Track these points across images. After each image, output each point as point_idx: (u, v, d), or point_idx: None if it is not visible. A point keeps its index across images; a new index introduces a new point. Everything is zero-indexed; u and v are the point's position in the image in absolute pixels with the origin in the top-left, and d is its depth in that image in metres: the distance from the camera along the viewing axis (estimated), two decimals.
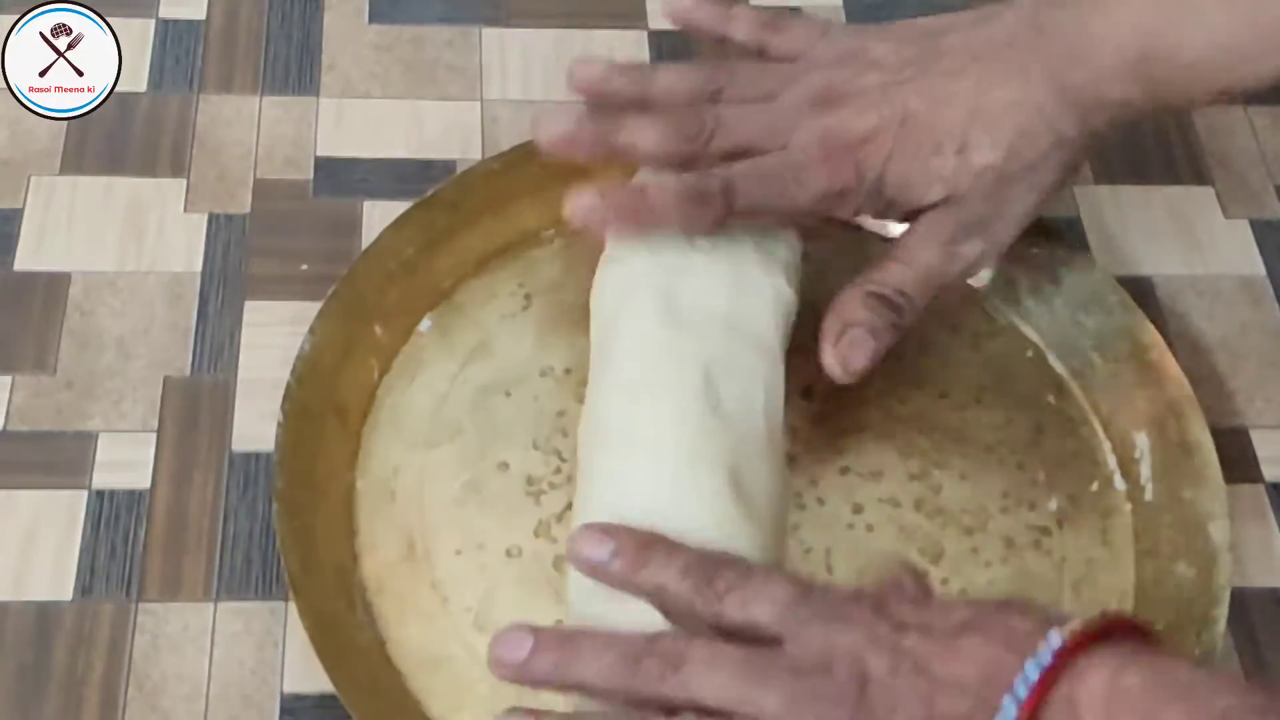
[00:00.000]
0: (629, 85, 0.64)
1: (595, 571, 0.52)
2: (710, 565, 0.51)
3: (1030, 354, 0.70)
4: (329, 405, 0.65)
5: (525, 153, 0.72)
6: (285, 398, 0.63)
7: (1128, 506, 0.66)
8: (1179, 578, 0.63)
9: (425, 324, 0.69)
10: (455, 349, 0.68)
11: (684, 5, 0.69)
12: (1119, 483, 0.66)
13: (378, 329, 0.68)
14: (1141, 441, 0.66)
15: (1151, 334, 0.68)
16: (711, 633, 0.50)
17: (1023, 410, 0.68)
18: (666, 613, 0.52)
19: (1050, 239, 0.71)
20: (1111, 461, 0.67)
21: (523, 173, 0.71)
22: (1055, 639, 0.46)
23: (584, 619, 0.55)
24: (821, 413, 0.67)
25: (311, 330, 0.65)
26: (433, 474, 0.65)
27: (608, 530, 0.53)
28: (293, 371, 0.64)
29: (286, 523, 0.60)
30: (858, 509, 0.65)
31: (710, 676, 0.48)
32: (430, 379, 0.67)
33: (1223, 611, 0.61)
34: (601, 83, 0.64)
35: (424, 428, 0.66)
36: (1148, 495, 0.65)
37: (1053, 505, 0.66)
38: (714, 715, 0.48)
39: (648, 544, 0.52)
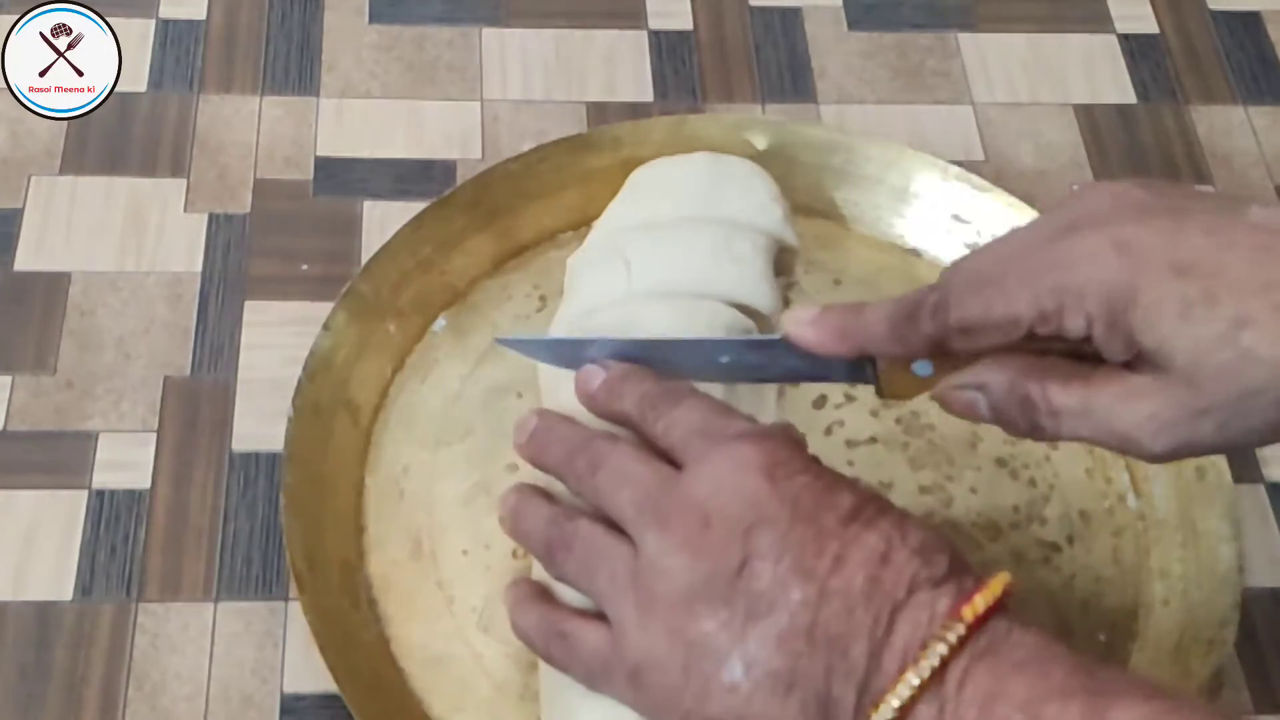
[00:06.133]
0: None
1: (585, 398, 0.56)
2: (657, 393, 0.54)
3: None
4: (340, 401, 0.65)
5: (543, 154, 0.72)
6: (296, 393, 0.63)
7: (1139, 525, 0.66)
8: (1189, 598, 0.63)
9: (439, 323, 0.69)
10: (469, 349, 0.68)
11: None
12: (1132, 501, 0.66)
13: (391, 327, 0.68)
14: None
15: None
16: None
17: None
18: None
19: None
20: (1124, 479, 0.67)
21: (540, 174, 0.71)
22: (960, 627, 0.46)
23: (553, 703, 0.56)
24: (833, 423, 0.67)
25: (325, 326, 0.65)
26: (442, 473, 0.65)
27: (603, 365, 0.56)
28: (305, 367, 0.64)
29: (293, 518, 0.60)
30: None
31: (615, 493, 0.52)
32: (443, 378, 0.67)
33: (1232, 634, 0.61)
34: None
35: (435, 427, 0.66)
36: (1160, 514, 0.65)
37: (1064, 522, 0.65)
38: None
39: (623, 376, 0.56)
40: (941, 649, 0.46)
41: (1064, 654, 0.46)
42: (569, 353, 0.58)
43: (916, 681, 0.45)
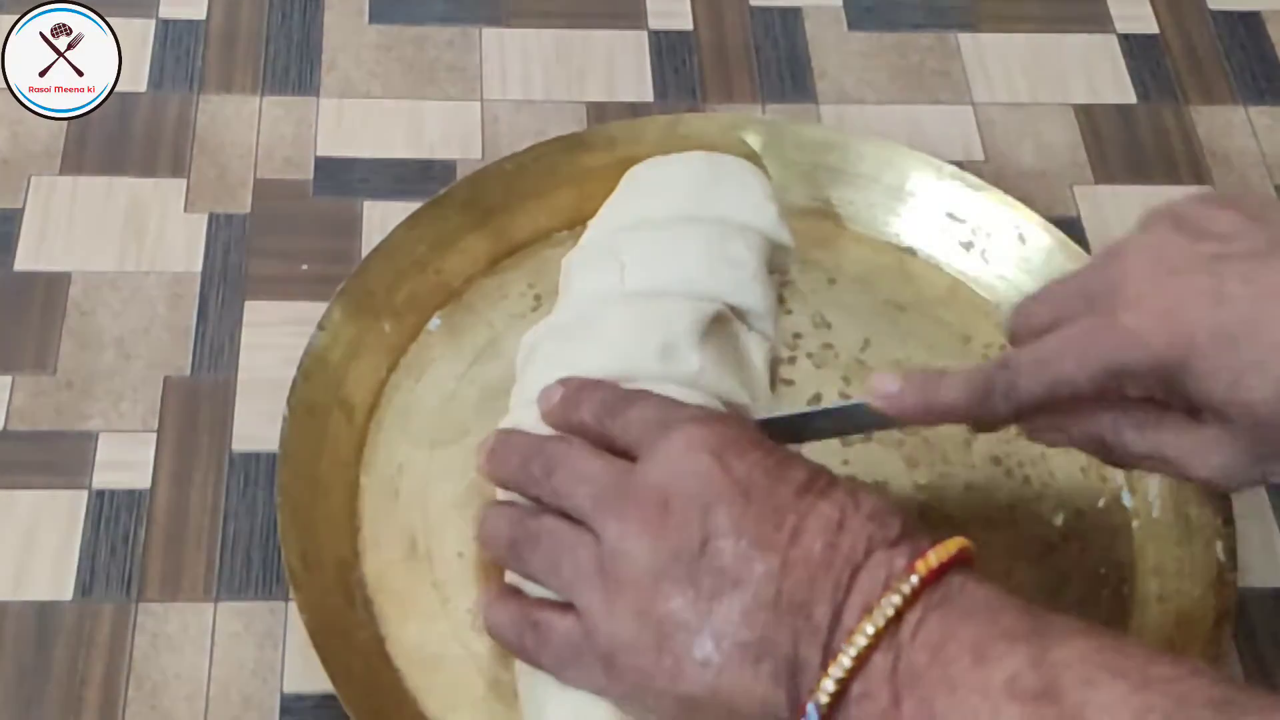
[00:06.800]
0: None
1: (546, 414, 0.58)
2: (613, 397, 0.56)
3: None
4: (335, 400, 0.65)
5: (538, 153, 0.72)
6: (291, 392, 0.63)
7: (1134, 523, 0.65)
8: (1184, 596, 0.62)
9: (435, 322, 0.69)
10: (464, 348, 0.68)
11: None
12: (1126, 499, 0.66)
13: (387, 326, 0.68)
14: None
15: None
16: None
17: None
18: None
19: (1062, 249, 0.71)
20: (1119, 477, 0.66)
21: (536, 173, 0.72)
22: (914, 579, 0.48)
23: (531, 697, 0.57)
24: None
25: (320, 325, 0.65)
26: (438, 473, 0.65)
27: (562, 381, 0.58)
28: (300, 366, 0.64)
29: (288, 516, 0.60)
30: None
31: (573, 490, 0.53)
32: (438, 377, 0.67)
33: (1226, 631, 0.60)
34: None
35: (430, 426, 0.66)
36: (1155, 512, 0.65)
37: (1058, 520, 0.65)
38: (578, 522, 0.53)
39: (580, 387, 0.58)
40: (896, 599, 0.47)
41: (1015, 603, 0.48)
42: None
43: (871, 630, 0.47)
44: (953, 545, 0.49)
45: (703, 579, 0.49)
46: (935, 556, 0.48)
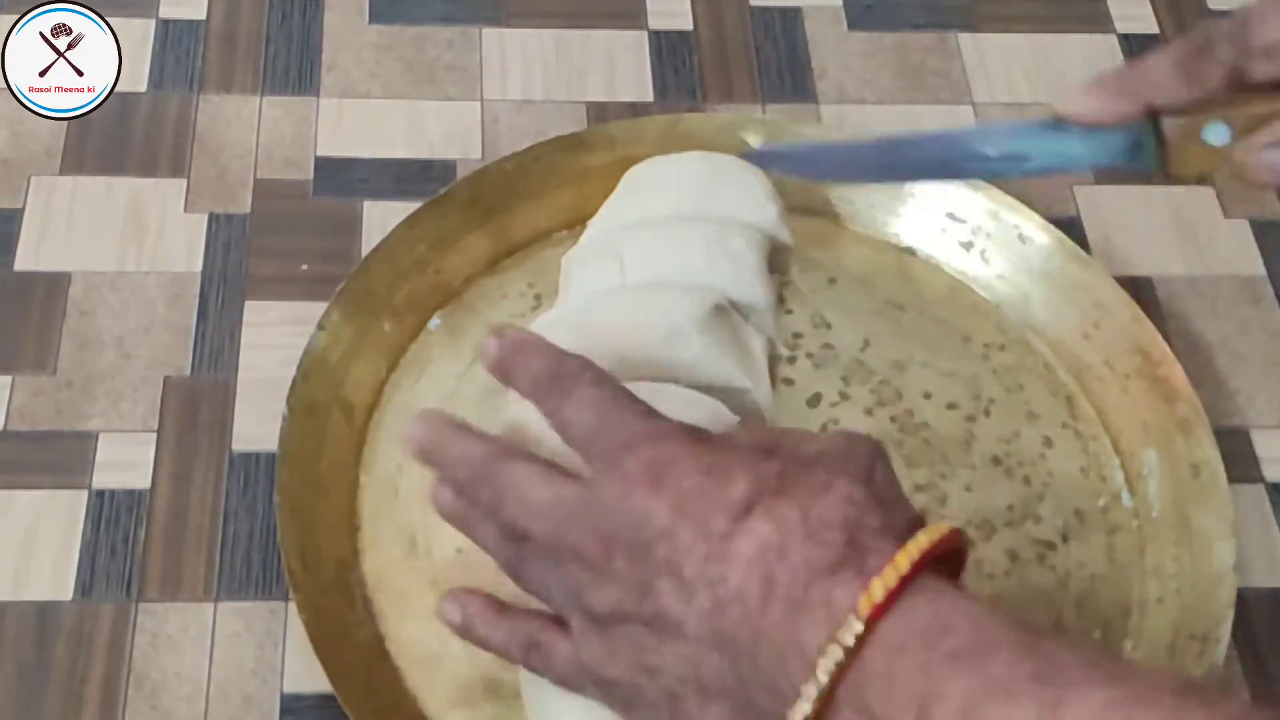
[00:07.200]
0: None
1: (488, 370, 0.54)
2: (547, 379, 0.52)
3: (1041, 366, 0.70)
4: (335, 400, 0.65)
5: (538, 153, 0.72)
6: (291, 392, 0.63)
7: (1134, 523, 0.65)
8: (1183, 596, 0.62)
9: (434, 322, 0.69)
10: (464, 348, 0.68)
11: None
12: (1126, 499, 0.66)
13: (387, 326, 0.68)
14: (1150, 458, 0.66)
15: (1162, 349, 0.68)
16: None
17: (1032, 423, 0.68)
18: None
19: (1062, 249, 0.71)
20: (1119, 478, 0.67)
21: (535, 173, 0.72)
22: (857, 626, 0.42)
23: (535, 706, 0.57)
24: (827, 421, 0.67)
25: (320, 325, 0.66)
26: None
27: (497, 333, 0.54)
28: (299, 366, 0.64)
29: (288, 516, 0.60)
30: None
31: (528, 526, 0.50)
32: (438, 377, 0.67)
33: (1226, 631, 0.60)
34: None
35: None
36: (1154, 513, 0.65)
37: (1058, 520, 0.65)
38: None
39: (515, 350, 0.53)
40: (837, 655, 0.42)
41: (1002, 635, 0.41)
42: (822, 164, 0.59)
43: (815, 692, 0.42)
44: (914, 549, 0.43)
45: (652, 620, 0.47)
46: (881, 586, 0.42)
